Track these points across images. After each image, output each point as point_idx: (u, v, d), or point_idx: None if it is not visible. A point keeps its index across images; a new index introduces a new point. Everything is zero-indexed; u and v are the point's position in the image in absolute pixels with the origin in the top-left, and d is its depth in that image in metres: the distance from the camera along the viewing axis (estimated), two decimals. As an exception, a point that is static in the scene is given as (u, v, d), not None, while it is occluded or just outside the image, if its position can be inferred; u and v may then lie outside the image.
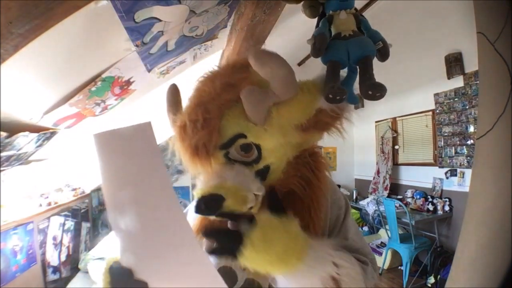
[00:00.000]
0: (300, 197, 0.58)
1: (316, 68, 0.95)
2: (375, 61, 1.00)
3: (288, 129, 0.58)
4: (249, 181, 0.55)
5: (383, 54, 0.92)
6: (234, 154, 0.60)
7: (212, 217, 0.54)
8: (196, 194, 0.55)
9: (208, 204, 0.52)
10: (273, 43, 2.06)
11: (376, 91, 0.76)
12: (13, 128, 0.83)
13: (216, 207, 0.52)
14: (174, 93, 0.69)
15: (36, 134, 0.95)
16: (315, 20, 1.05)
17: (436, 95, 3.27)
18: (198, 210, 0.53)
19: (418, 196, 3.41)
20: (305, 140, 0.62)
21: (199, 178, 0.62)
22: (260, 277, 0.58)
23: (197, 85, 0.65)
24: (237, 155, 0.59)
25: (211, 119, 0.57)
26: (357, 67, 0.94)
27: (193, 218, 0.67)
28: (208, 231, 0.55)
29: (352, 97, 0.84)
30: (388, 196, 3.66)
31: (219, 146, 0.59)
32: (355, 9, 0.97)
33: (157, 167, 0.48)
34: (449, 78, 3.03)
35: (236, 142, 0.58)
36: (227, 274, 0.58)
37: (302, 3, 0.99)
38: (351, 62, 0.90)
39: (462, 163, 3.00)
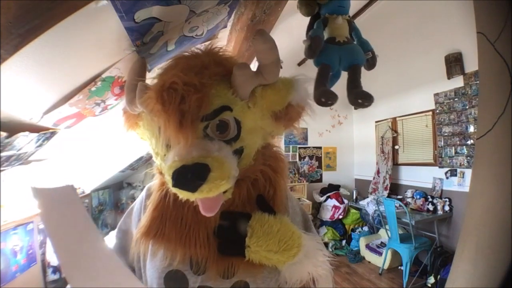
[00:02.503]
0: (264, 185, 0.62)
1: (316, 68, 0.95)
2: (377, 60, 1.00)
3: (266, 114, 0.61)
4: (231, 158, 0.55)
5: (371, 64, 0.95)
6: (210, 131, 0.56)
7: (211, 215, 0.54)
8: (170, 167, 0.51)
9: (195, 173, 0.48)
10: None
11: (365, 100, 0.80)
12: (13, 128, 0.83)
13: (202, 176, 0.49)
14: (142, 65, 0.69)
15: (36, 134, 0.95)
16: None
17: (436, 95, 3.27)
18: (180, 181, 0.49)
19: (418, 196, 3.41)
20: (274, 130, 0.65)
21: (169, 153, 0.56)
22: (248, 276, 0.58)
23: (177, 60, 0.62)
24: (213, 134, 0.56)
25: (205, 85, 0.55)
26: (341, 71, 0.95)
27: (137, 212, 0.69)
28: (216, 230, 0.57)
29: None
30: (388, 196, 3.66)
31: (202, 117, 0.55)
32: (348, 16, 0.98)
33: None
34: (449, 78, 3.03)
35: (220, 114, 0.56)
36: (178, 278, 0.58)
37: (298, 0, 0.99)
38: (341, 67, 0.92)
39: (462, 163, 3.00)
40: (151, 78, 0.64)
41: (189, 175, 0.49)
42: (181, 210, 0.60)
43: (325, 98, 0.77)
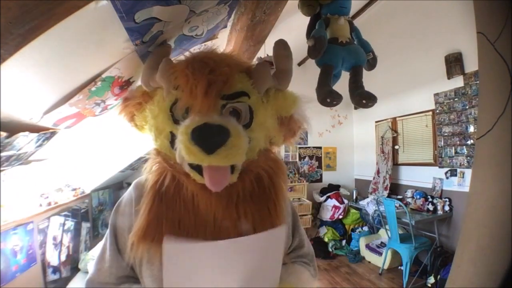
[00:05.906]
0: (264, 184, 0.63)
1: (316, 68, 0.95)
2: (377, 60, 1.01)
3: (274, 115, 0.66)
4: (245, 134, 0.56)
5: (372, 65, 0.95)
6: (225, 113, 0.59)
7: None
8: (189, 125, 0.52)
9: (218, 130, 0.50)
10: (273, 43, 2.05)
11: (369, 100, 0.81)
12: (13, 128, 0.83)
13: (226, 134, 0.50)
14: (167, 51, 0.76)
15: (36, 134, 0.95)
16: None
17: (436, 95, 3.27)
18: (201, 137, 0.50)
19: (418, 196, 3.41)
20: (275, 136, 0.68)
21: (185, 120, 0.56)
22: None
23: (198, 52, 0.66)
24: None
25: (232, 65, 0.60)
26: (341, 71, 0.95)
27: (127, 209, 0.66)
28: None
29: None
30: (388, 196, 3.66)
31: (223, 95, 0.58)
32: (349, 17, 0.98)
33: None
34: (449, 78, 3.03)
35: (239, 98, 0.60)
36: None
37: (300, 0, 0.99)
38: (343, 68, 0.92)
39: (462, 163, 3.00)
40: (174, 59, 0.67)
41: (214, 129, 0.50)
42: (177, 212, 0.58)
43: (330, 98, 0.80)
